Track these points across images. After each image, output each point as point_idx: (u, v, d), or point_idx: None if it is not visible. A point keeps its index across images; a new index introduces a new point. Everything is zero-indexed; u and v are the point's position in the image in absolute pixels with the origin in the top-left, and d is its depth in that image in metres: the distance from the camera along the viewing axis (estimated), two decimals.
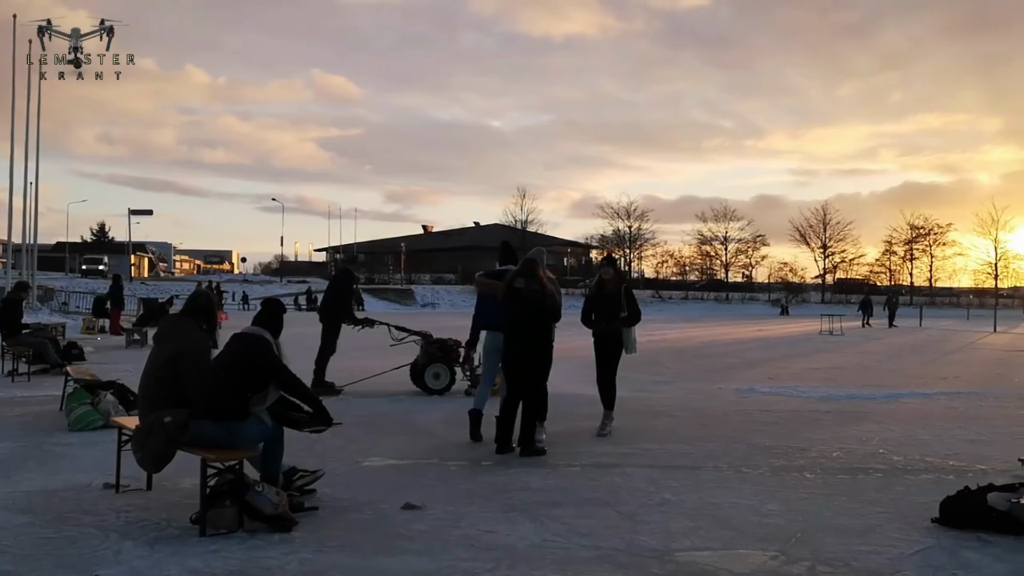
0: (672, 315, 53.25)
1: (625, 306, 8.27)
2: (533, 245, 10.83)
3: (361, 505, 5.62)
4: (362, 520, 5.29)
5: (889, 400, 11.72)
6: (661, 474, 6.69)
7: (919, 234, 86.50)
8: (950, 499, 5.32)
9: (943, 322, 46.00)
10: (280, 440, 5.53)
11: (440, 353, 11.87)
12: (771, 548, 4.76)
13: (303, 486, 5.72)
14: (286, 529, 4.97)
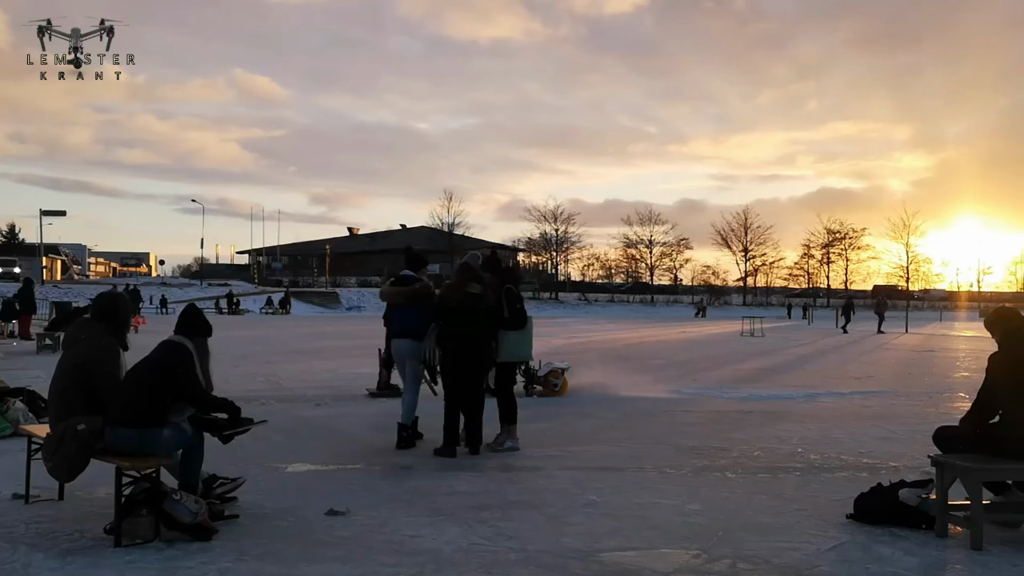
0: (598, 317, 53.81)
1: (506, 308, 7.81)
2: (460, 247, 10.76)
3: (283, 512, 5.52)
4: (284, 527, 5.19)
5: (807, 400, 12.04)
6: (587, 476, 6.74)
7: (835, 238, 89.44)
8: (863, 496, 5.49)
9: (858, 324, 47.47)
10: (200, 447, 5.38)
11: None
12: (694, 547, 4.84)
13: (223, 494, 5.59)
14: (205, 538, 4.84)
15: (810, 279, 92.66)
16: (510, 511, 5.62)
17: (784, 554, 4.72)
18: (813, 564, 4.57)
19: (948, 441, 5.31)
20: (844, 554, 4.75)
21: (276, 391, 12.17)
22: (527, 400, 10.83)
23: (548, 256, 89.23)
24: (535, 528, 5.23)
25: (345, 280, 79.88)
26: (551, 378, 12.18)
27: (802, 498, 6.05)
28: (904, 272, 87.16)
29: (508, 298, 7.84)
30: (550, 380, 12.15)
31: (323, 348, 22.27)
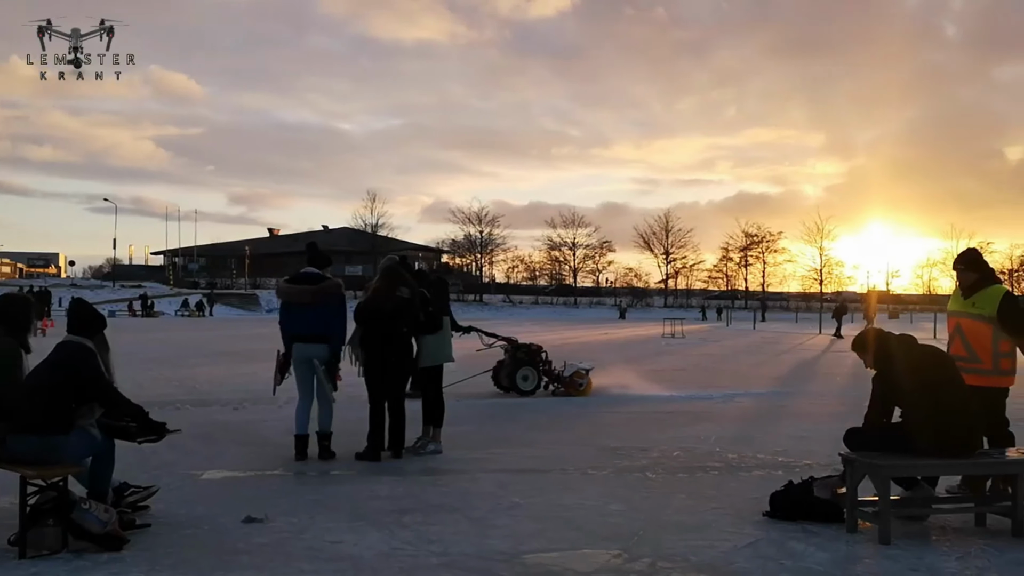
0: (522, 319, 54.02)
1: (421, 312, 7.74)
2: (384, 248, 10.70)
3: (198, 520, 5.37)
4: (199, 536, 5.06)
5: (725, 400, 12.30)
6: (511, 478, 6.75)
7: (753, 241, 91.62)
8: (778, 493, 5.63)
9: (774, 325, 48.80)
10: (110, 454, 5.21)
11: (527, 357, 12.72)
12: (614, 547, 4.88)
13: (135, 502, 5.41)
14: (116, 548, 4.68)
15: (729, 281, 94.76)
16: (433, 515, 5.58)
17: (702, 552, 4.80)
18: (730, 561, 4.66)
19: (857, 439, 5.49)
20: (759, 551, 4.86)
21: (191, 395, 11.87)
22: (471, 402, 10.78)
23: (472, 258, 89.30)
24: (458, 531, 5.21)
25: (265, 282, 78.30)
26: (576, 379, 12.74)
27: (719, 497, 6.17)
28: (818, 275, 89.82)
29: (423, 302, 7.82)
30: (575, 380, 12.67)
31: (242, 351, 21.80)
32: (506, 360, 12.97)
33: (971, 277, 6.13)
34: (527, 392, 12.51)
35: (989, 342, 5.96)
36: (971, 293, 6.10)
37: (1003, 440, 5.86)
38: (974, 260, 6.26)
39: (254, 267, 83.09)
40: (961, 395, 5.32)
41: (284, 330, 7.56)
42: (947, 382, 5.34)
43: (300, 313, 7.40)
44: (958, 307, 6.18)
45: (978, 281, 6.11)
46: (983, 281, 6.12)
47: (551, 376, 12.77)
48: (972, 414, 5.34)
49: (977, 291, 6.08)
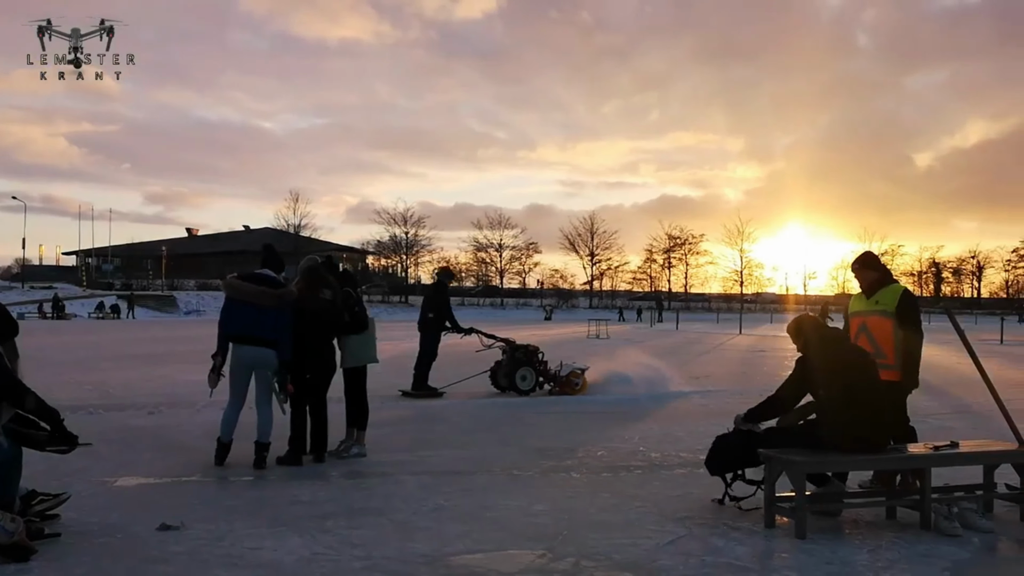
0: None
1: (346, 312, 7.64)
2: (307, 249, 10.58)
3: (111, 528, 5.19)
4: (112, 544, 4.89)
5: (649, 400, 12.45)
6: (435, 480, 6.71)
7: (676, 244, 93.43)
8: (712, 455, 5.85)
9: (697, 325, 49.71)
10: (17, 461, 4.99)
11: (525, 358, 13.14)
12: (539, 547, 4.90)
13: (44, 511, 5.20)
14: (23, 558, 4.49)
15: (653, 283, 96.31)
16: (356, 518, 5.51)
17: (625, 550, 4.85)
18: (652, 559, 4.72)
19: (773, 436, 5.62)
20: (682, 547, 4.93)
21: (105, 400, 11.49)
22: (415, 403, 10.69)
23: (398, 259, 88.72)
24: (381, 535, 5.15)
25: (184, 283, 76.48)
26: (572, 378, 13.19)
27: (643, 495, 6.24)
28: (738, 276, 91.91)
29: (347, 301, 7.72)
30: (571, 380, 13.16)
31: (158, 354, 21.22)
32: (504, 360, 13.33)
33: (872, 276, 6.35)
34: (525, 391, 12.89)
35: (893, 337, 6.17)
36: (873, 292, 6.31)
37: (904, 435, 6.08)
38: (872, 260, 6.50)
39: (172, 268, 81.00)
40: (877, 397, 5.49)
41: (225, 329, 7.16)
42: (866, 384, 5.48)
43: (248, 314, 7.06)
44: (862, 307, 6.36)
45: (879, 279, 6.34)
46: (884, 279, 6.35)
47: (547, 376, 13.17)
48: (885, 414, 5.53)
49: (879, 289, 6.30)
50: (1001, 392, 6.12)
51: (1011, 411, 6.08)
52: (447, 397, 12.41)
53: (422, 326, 13.25)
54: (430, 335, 13.06)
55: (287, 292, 7.21)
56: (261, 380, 7.18)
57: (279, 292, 7.16)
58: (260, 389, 7.19)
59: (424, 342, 13.04)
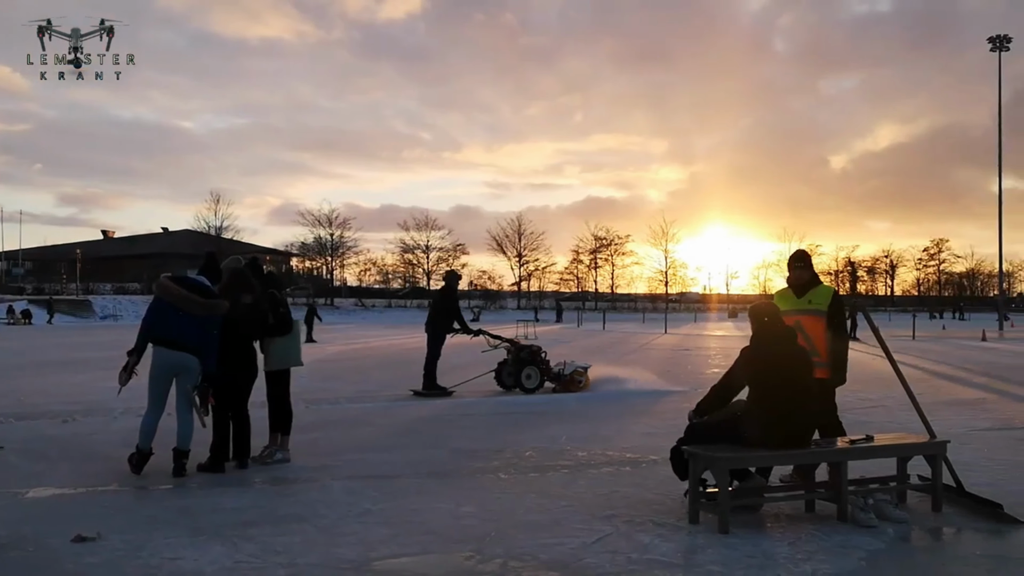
0: (376, 323, 53.41)
1: (270, 314, 7.52)
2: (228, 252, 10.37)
3: (23, 541, 4.99)
4: (24, 558, 4.70)
5: (576, 400, 12.55)
6: (361, 484, 6.63)
7: (601, 244, 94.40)
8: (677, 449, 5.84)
9: (623, 325, 50.29)
10: None
11: (530, 357, 13.66)
12: (467, 548, 4.88)
13: None
14: None
15: (579, 283, 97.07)
16: (280, 525, 5.41)
17: (552, 549, 4.87)
18: (579, 557, 4.74)
19: (698, 433, 5.71)
20: (608, 545, 4.98)
21: (16, 408, 11.05)
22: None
23: (323, 261, 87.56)
24: (306, 541, 5.07)
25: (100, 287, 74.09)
26: (575, 376, 13.57)
27: (569, 495, 6.27)
28: (663, 276, 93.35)
29: (272, 303, 7.58)
30: (575, 378, 13.54)
31: (73, 360, 20.51)
32: (509, 360, 13.84)
33: (806, 275, 6.52)
34: (530, 390, 13.39)
35: (825, 336, 6.36)
36: (805, 291, 6.47)
37: (833, 430, 6.27)
38: (809, 260, 6.66)
39: (87, 271, 78.46)
40: (807, 397, 5.61)
41: (150, 331, 6.91)
42: (798, 383, 5.59)
43: (176, 318, 6.84)
44: (794, 305, 6.48)
45: (811, 279, 6.51)
46: (815, 280, 6.52)
47: (549, 375, 13.63)
48: (811, 414, 5.67)
49: (810, 289, 6.46)
50: (913, 387, 6.34)
51: (923, 405, 6.31)
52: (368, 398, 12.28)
53: (430, 327, 13.68)
54: (436, 336, 13.48)
55: (218, 304, 7.00)
56: (182, 386, 6.98)
57: (210, 302, 6.95)
58: (181, 395, 6.99)
59: (429, 342, 13.47)
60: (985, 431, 9.39)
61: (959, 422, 9.93)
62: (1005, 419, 10.40)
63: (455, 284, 14.59)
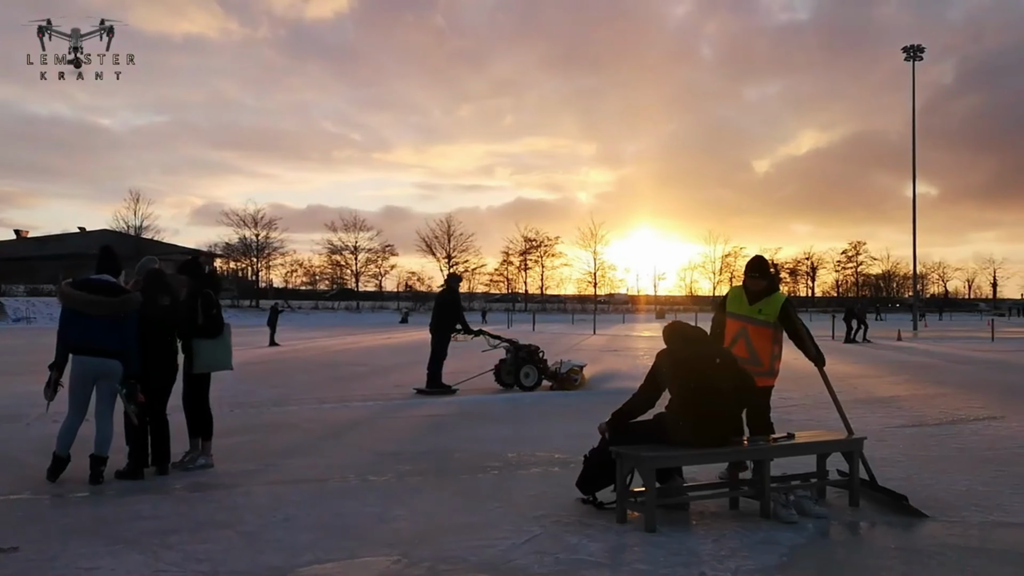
0: (302, 325, 52.62)
1: (201, 315, 7.37)
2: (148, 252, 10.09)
3: None
4: None
5: (506, 401, 12.58)
6: (286, 489, 6.52)
7: (531, 246, 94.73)
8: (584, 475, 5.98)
9: (552, 326, 50.53)
10: None
11: (528, 356, 14.24)
12: (394, 552, 4.84)
13: None
14: None
15: (509, 285, 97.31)
16: (201, 532, 5.27)
17: (481, 551, 4.86)
18: (508, 559, 4.74)
19: (623, 434, 5.77)
20: (537, 546, 4.99)
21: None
22: None
23: (248, 262, 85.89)
24: (229, 548, 4.95)
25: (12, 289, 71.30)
26: (571, 375, 14.09)
27: (499, 496, 6.27)
28: (592, 278, 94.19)
29: (204, 304, 7.39)
30: (571, 376, 14.05)
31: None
32: (508, 359, 14.37)
33: (761, 284, 6.60)
34: (529, 388, 13.93)
35: (769, 346, 6.55)
36: (757, 299, 6.57)
37: (764, 430, 6.43)
38: (764, 268, 6.69)
39: None
40: (722, 398, 5.70)
41: (65, 339, 6.68)
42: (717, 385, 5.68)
43: (89, 323, 6.61)
44: (744, 311, 6.60)
45: (766, 288, 6.59)
46: (770, 288, 6.61)
47: (546, 373, 14.17)
48: (731, 413, 5.77)
49: (763, 298, 6.57)
50: (836, 381, 6.52)
51: (843, 403, 6.50)
52: (293, 401, 12.09)
53: (434, 328, 14.08)
54: (440, 336, 13.87)
55: (128, 300, 6.79)
56: (103, 391, 6.76)
57: (118, 300, 6.73)
58: (101, 400, 6.77)
59: (435, 343, 13.84)
60: (899, 428, 9.72)
61: (875, 420, 10.26)
62: (918, 416, 10.78)
63: (456, 286, 15.09)
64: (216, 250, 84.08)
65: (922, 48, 62.42)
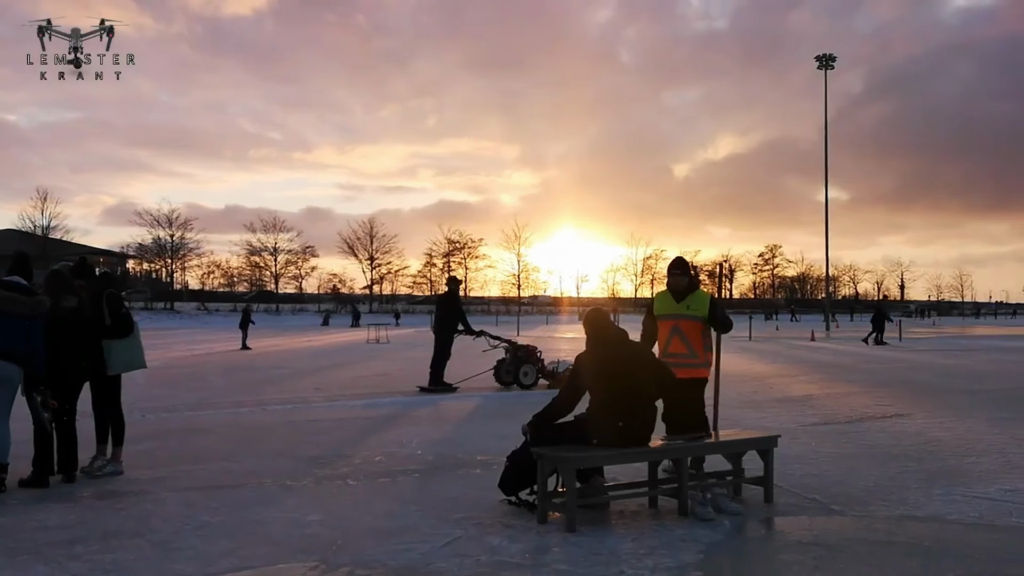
0: (219, 328, 51.42)
1: (108, 316, 7.14)
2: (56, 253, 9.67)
3: None
4: None
5: (428, 403, 12.49)
6: (200, 496, 6.34)
7: (455, 248, 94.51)
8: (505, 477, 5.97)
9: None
10: None
11: (527, 356, 14.84)
12: (312, 558, 4.75)
13: None
14: None
15: (433, 286, 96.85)
16: (110, 541, 5.09)
17: (401, 555, 4.81)
18: (428, 562, 4.70)
19: (548, 434, 5.78)
20: (458, 549, 4.96)
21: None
22: None
23: (163, 263, 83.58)
24: (139, 557, 4.79)
25: None
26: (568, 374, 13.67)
27: (419, 499, 6.22)
28: (516, 280, 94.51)
29: (110, 304, 7.16)
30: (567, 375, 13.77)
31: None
32: (507, 359, 14.89)
33: (683, 281, 6.84)
34: (528, 386, 14.49)
35: (701, 339, 6.75)
36: (683, 297, 6.78)
37: (701, 424, 6.58)
38: (686, 267, 6.98)
39: None
40: (643, 398, 5.77)
41: None
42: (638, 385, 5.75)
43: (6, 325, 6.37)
44: (673, 310, 6.79)
45: (688, 285, 6.83)
46: (691, 286, 6.85)
47: (544, 372, 14.75)
48: (651, 411, 5.83)
49: (688, 295, 6.78)
50: (749, 385, 6.66)
51: (758, 403, 6.66)
52: (209, 405, 11.80)
53: (437, 329, 14.58)
54: (445, 337, 14.37)
55: (41, 301, 6.60)
56: (3, 396, 6.46)
57: (32, 300, 6.53)
58: (4, 406, 6.46)
59: (439, 343, 14.33)
60: (812, 426, 9.98)
61: (789, 418, 10.52)
62: (829, 414, 11.10)
63: (457, 289, 15.58)
64: (129, 251, 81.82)
65: (834, 57, 64.54)
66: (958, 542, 5.18)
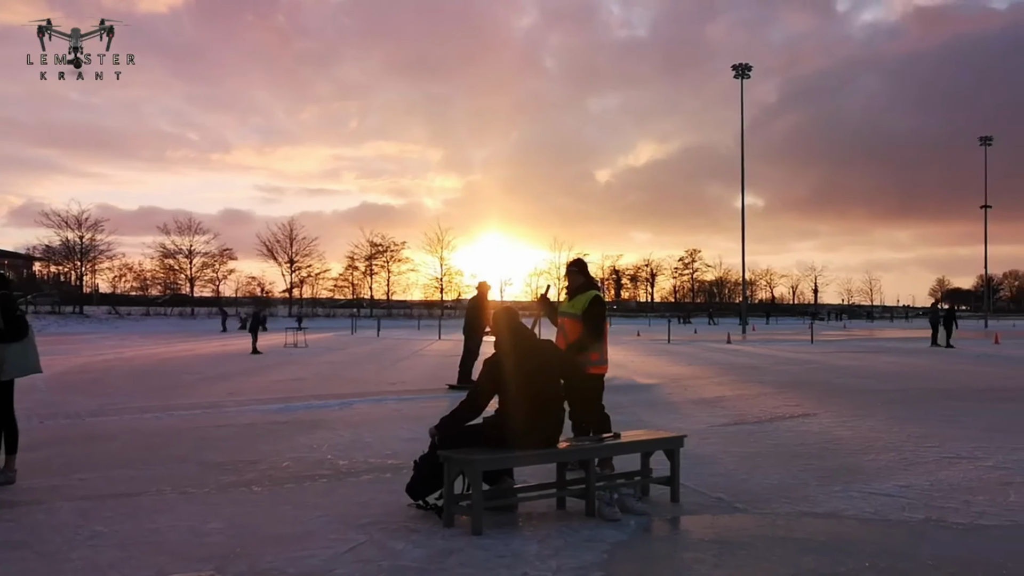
0: (131, 332, 49.82)
1: (1, 319, 6.91)
2: None
3: None
4: None
5: (343, 407, 12.31)
6: (95, 505, 6.10)
7: (377, 251, 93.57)
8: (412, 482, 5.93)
9: (397, 332, 50.18)
10: None
11: None
12: (208, 568, 4.60)
13: None
14: None
15: (355, 290, 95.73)
16: None
17: (302, 562, 4.70)
18: (329, 568, 4.61)
19: (454, 437, 5.74)
20: (360, 554, 4.87)
21: None
22: None
23: (72, 266, 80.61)
24: (24, 570, 4.59)
25: None
26: None
27: (326, 504, 6.11)
28: (439, 283, 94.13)
29: (4, 306, 6.85)
30: None
31: None
32: None
33: (579, 280, 7.08)
34: None
35: None
36: (573, 295, 7.05)
37: (601, 425, 6.64)
38: (581, 267, 7.20)
39: None
40: (551, 398, 5.78)
41: None
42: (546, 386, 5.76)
43: None
44: (564, 308, 7.11)
45: (583, 285, 7.04)
46: (586, 286, 7.05)
47: None
48: (559, 412, 5.85)
49: (578, 294, 7.02)
50: (666, 387, 6.73)
51: (672, 404, 6.73)
52: (112, 410, 11.41)
53: (467, 330, 15.63)
54: (475, 337, 15.37)
55: None
56: None
57: None
58: None
59: (468, 343, 15.40)
60: (722, 427, 10.17)
61: (701, 419, 10.70)
62: (740, 415, 11.33)
63: (486, 292, 16.31)
64: (35, 253, 78.68)
65: (750, 67, 66.21)
66: (853, 537, 5.33)
